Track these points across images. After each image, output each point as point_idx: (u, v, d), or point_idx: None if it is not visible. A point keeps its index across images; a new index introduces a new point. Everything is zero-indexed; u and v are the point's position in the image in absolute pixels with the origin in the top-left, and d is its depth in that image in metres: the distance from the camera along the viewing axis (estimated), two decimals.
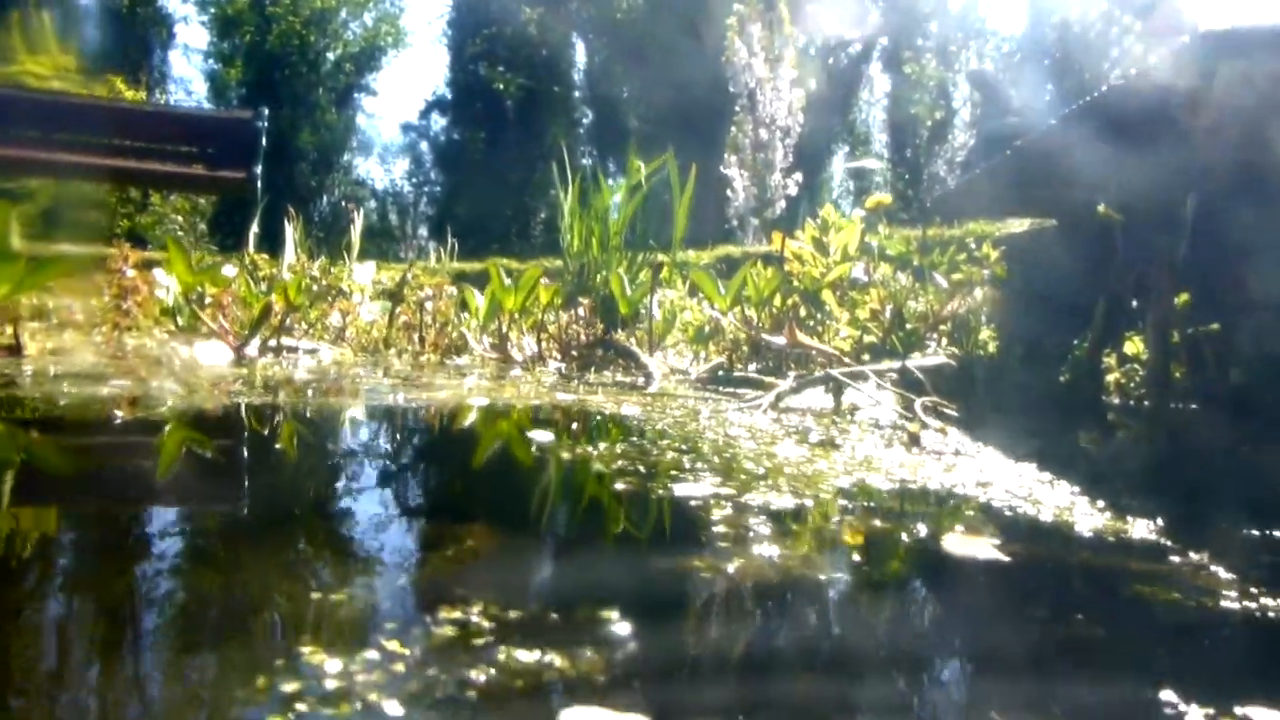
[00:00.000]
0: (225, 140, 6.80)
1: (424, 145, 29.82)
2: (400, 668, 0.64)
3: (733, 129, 12.84)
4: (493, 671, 0.64)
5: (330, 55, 27.10)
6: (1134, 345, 2.98)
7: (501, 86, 25.29)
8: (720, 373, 3.71)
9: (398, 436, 2.07)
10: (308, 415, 2.23)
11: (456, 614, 0.75)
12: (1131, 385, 3.05)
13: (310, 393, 2.68)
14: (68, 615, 0.78)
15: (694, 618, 0.86)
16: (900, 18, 20.77)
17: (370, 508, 1.25)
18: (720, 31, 13.28)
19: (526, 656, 0.67)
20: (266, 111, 7.03)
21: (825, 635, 0.84)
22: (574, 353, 4.42)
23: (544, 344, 4.59)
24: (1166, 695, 0.68)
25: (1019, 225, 4.34)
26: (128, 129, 6.55)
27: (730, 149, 12.72)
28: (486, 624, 0.73)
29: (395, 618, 0.77)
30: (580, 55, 26.88)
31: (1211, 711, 0.66)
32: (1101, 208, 2.15)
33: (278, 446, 1.77)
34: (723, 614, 0.87)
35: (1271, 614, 0.90)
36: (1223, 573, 1.02)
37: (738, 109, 12.88)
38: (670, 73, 20.03)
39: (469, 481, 1.55)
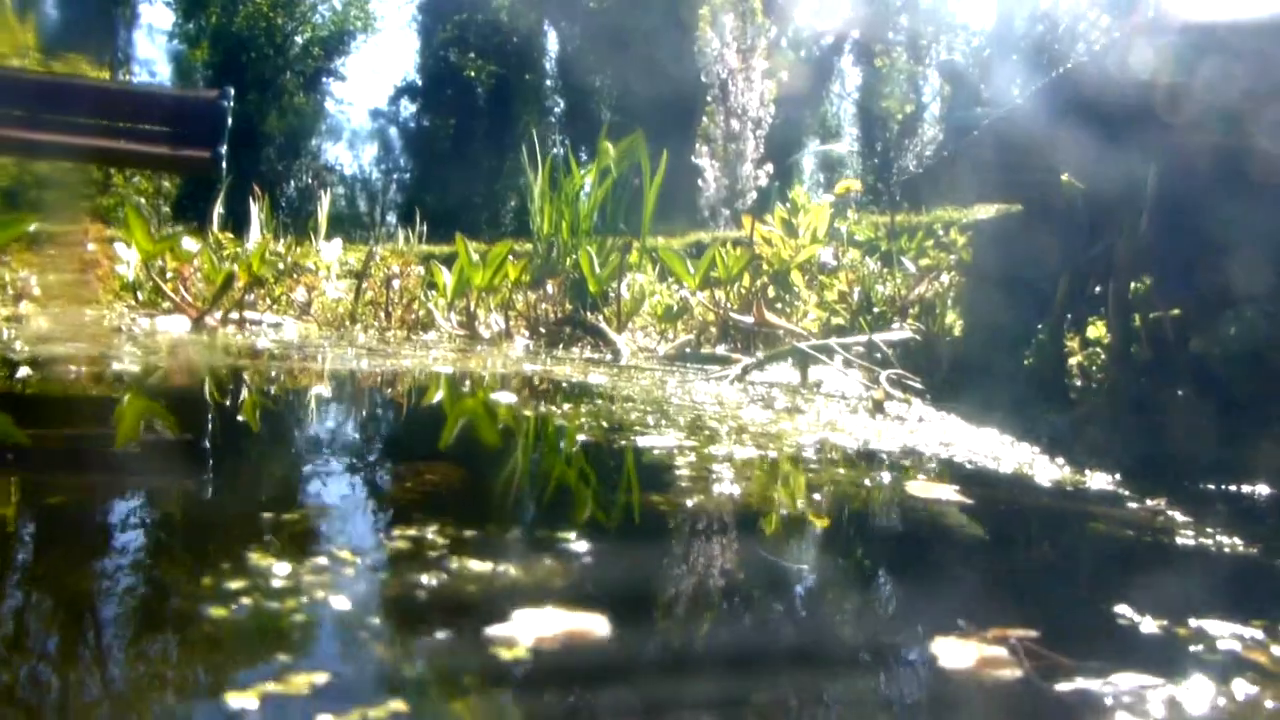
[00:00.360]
0: (190, 119, 6.65)
1: (393, 131, 29.59)
2: (350, 572, 0.63)
3: (704, 119, 12.82)
4: (444, 577, 0.63)
5: (298, 39, 26.74)
6: (1096, 329, 3.01)
7: (472, 73, 25.10)
8: (688, 350, 3.71)
9: (360, 396, 2.04)
10: (270, 377, 2.19)
11: (412, 531, 0.73)
12: (1094, 368, 3.08)
13: (272, 360, 2.64)
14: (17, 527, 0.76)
15: (652, 541, 0.85)
16: (871, 11, 20.86)
17: (328, 450, 1.23)
18: (694, 22, 13.25)
19: (480, 566, 0.66)
20: (232, 91, 6.90)
21: (783, 557, 0.83)
22: (542, 330, 4.40)
23: (512, 321, 4.57)
24: (1122, 609, 0.68)
25: (986, 211, 4.37)
26: (90, 106, 6.39)
27: (701, 139, 12.70)
28: (441, 540, 0.72)
29: (349, 534, 0.75)
30: (552, 43, 26.74)
31: (1165, 623, 0.66)
32: (1065, 176, 2.16)
33: (236, 407, 1.75)
34: (681, 538, 0.86)
35: (1226, 549, 0.90)
36: (1179, 516, 1.03)
37: (709, 99, 12.86)
38: (643, 62, 19.98)
39: (432, 432, 1.53)
